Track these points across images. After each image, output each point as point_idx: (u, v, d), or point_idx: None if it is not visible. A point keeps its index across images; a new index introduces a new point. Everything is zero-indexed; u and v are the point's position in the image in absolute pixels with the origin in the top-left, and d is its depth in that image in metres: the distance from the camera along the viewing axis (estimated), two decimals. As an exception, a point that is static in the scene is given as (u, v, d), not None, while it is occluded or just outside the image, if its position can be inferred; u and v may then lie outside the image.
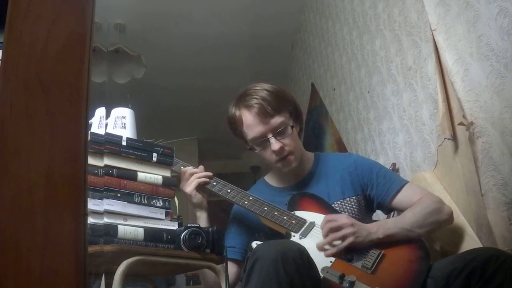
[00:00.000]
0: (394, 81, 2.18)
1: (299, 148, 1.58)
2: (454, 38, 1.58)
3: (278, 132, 1.51)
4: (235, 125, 1.58)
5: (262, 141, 1.52)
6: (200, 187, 1.54)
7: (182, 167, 1.55)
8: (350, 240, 1.32)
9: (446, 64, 1.61)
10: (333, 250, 1.32)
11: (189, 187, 1.52)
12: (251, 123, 1.52)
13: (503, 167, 1.38)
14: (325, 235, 1.35)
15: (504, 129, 1.36)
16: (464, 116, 1.51)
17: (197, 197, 1.53)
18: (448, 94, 1.62)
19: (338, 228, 1.34)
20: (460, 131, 1.56)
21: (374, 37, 2.39)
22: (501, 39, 1.34)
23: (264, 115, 1.50)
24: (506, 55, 1.32)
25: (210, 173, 1.56)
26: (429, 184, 1.74)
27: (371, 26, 2.42)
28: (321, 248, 1.34)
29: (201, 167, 1.58)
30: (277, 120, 1.51)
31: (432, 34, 1.68)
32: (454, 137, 1.60)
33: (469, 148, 1.51)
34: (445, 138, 1.65)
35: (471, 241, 1.47)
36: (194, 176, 1.53)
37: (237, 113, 1.55)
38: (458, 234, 1.53)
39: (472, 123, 1.49)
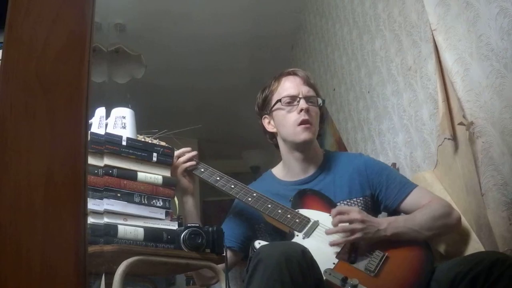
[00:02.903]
0: (394, 81, 2.18)
1: (317, 130, 1.60)
2: (454, 38, 1.58)
3: (310, 100, 1.57)
4: (266, 95, 1.62)
5: (292, 101, 1.56)
6: (188, 172, 1.55)
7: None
8: (357, 235, 1.32)
9: (446, 64, 1.61)
10: (340, 240, 1.33)
11: (176, 171, 1.53)
12: (289, 84, 1.59)
13: (503, 167, 1.38)
14: (335, 226, 1.36)
15: (504, 129, 1.36)
16: (464, 116, 1.51)
17: (184, 182, 1.54)
18: (448, 94, 1.62)
19: (348, 222, 1.34)
20: (460, 131, 1.56)
21: (374, 37, 2.39)
22: (501, 39, 1.34)
23: (304, 81, 1.60)
24: (506, 55, 1.32)
25: (194, 153, 1.57)
26: (429, 184, 1.74)
27: (371, 26, 2.42)
28: (329, 234, 1.35)
29: (188, 149, 1.58)
30: (312, 92, 1.60)
31: (432, 34, 1.68)
32: (454, 137, 1.60)
33: (469, 148, 1.51)
34: (445, 138, 1.65)
35: (475, 245, 1.47)
36: (180, 160, 1.54)
37: (275, 83, 1.62)
38: (462, 237, 1.52)
39: (472, 123, 1.49)
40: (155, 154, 1.34)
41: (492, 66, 1.39)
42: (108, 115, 1.43)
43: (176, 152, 1.54)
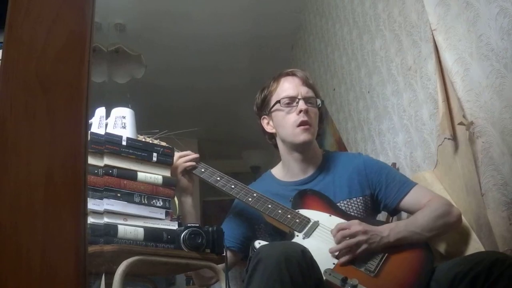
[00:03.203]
0: (394, 81, 2.18)
1: (316, 131, 1.59)
2: (454, 38, 1.58)
3: (309, 101, 1.57)
4: (265, 96, 1.62)
5: (291, 102, 1.55)
6: (187, 172, 1.55)
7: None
8: (363, 247, 1.32)
9: (446, 64, 1.61)
10: (347, 258, 1.31)
11: (176, 171, 1.52)
12: (288, 85, 1.58)
13: (503, 167, 1.38)
14: (338, 243, 1.34)
15: (504, 129, 1.36)
16: (464, 116, 1.51)
17: (183, 182, 1.54)
18: (448, 94, 1.62)
19: (351, 236, 1.33)
20: (460, 131, 1.56)
21: (374, 37, 2.39)
22: (501, 39, 1.34)
23: (303, 81, 1.59)
24: (506, 55, 1.32)
25: (196, 155, 1.57)
26: (429, 184, 1.74)
27: (371, 26, 2.42)
28: (333, 253, 1.33)
29: (189, 152, 1.58)
30: (311, 93, 1.59)
31: (432, 34, 1.68)
32: (454, 137, 1.60)
33: (469, 148, 1.51)
34: (445, 138, 1.65)
35: (475, 245, 1.47)
36: (180, 160, 1.54)
37: (274, 84, 1.61)
38: (462, 237, 1.52)
39: (472, 123, 1.49)
40: (155, 154, 1.34)
41: (492, 66, 1.39)
42: (108, 115, 1.43)
43: (179, 153, 1.54)
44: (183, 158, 1.55)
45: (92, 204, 1.19)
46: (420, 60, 1.89)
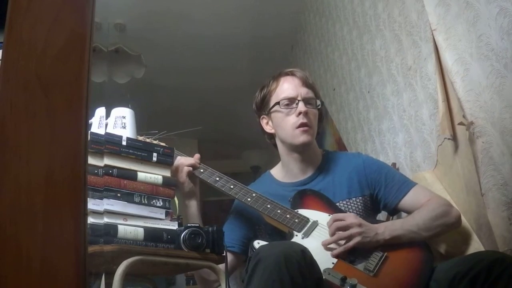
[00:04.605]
0: (394, 81, 2.18)
1: (315, 132, 1.59)
2: (454, 38, 1.58)
3: (308, 102, 1.56)
4: (264, 95, 1.61)
5: (290, 103, 1.55)
6: (191, 175, 1.54)
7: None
8: (356, 240, 1.31)
9: (446, 64, 1.61)
10: (339, 249, 1.32)
11: (181, 176, 1.52)
12: (288, 85, 1.58)
13: (503, 167, 1.38)
14: (332, 234, 1.35)
15: (504, 129, 1.36)
16: (464, 116, 1.51)
17: (189, 186, 1.53)
18: (448, 94, 1.62)
19: (345, 228, 1.34)
20: (460, 131, 1.56)
21: (374, 37, 2.39)
22: (501, 39, 1.34)
23: (303, 81, 1.58)
24: (506, 55, 1.32)
25: (196, 159, 1.55)
26: (429, 184, 1.74)
27: (371, 26, 2.42)
28: (326, 246, 1.34)
29: (196, 155, 1.58)
30: (311, 93, 1.58)
31: (432, 34, 1.68)
32: (454, 137, 1.60)
33: (469, 148, 1.51)
34: (445, 138, 1.66)
35: (475, 244, 1.47)
36: (183, 164, 1.53)
37: (274, 84, 1.61)
38: (462, 237, 1.52)
39: (472, 123, 1.49)
40: (155, 154, 1.33)
41: (492, 66, 1.39)
42: (108, 115, 1.43)
43: (178, 158, 1.53)
44: (184, 159, 1.54)
45: (92, 204, 1.19)
46: (420, 60, 1.89)
